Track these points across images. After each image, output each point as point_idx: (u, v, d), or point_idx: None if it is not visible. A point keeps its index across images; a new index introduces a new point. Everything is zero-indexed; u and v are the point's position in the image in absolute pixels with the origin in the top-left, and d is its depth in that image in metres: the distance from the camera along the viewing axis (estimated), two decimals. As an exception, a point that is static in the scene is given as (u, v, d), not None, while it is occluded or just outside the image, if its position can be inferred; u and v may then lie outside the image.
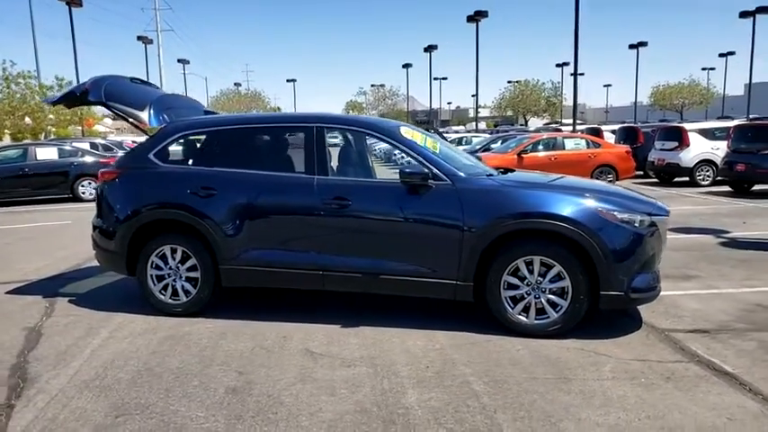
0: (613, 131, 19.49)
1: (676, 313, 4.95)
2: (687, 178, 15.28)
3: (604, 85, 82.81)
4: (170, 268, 5.07)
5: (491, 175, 4.85)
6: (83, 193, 14.73)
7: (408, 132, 4.93)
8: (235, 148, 5.12)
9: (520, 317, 4.44)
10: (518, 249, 4.39)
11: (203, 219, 4.87)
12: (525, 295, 4.43)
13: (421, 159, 4.64)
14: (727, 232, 8.66)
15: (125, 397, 3.56)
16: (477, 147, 17.87)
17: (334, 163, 5.01)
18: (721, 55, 55.60)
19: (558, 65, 55.50)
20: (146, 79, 6.09)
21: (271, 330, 4.68)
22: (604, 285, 4.27)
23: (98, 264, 5.71)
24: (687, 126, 15.92)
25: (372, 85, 72.71)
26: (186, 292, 5.05)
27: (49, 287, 6.21)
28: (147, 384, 3.74)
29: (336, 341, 4.43)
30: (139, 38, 44.06)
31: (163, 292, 5.10)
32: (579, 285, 4.30)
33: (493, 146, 17.04)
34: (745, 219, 9.92)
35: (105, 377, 3.86)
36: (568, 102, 64.83)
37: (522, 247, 4.38)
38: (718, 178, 14.69)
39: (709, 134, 15.38)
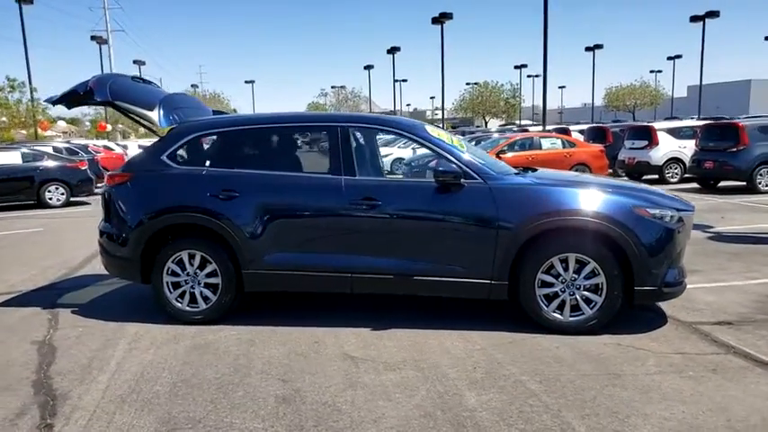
0: (581, 131, 19.94)
1: (693, 306, 5.05)
2: (657, 176, 15.76)
3: (559, 87, 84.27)
4: (187, 274, 4.87)
5: (518, 173, 4.85)
6: (50, 199, 14.09)
7: (434, 131, 4.88)
8: (255, 149, 4.96)
9: (555, 314, 4.45)
10: (553, 247, 4.39)
11: (225, 222, 4.70)
12: (560, 293, 4.43)
13: (451, 158, 4.59)
14: (711, 227, 8.94)
15: (171, 410, 3.38)
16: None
17: (359, 163, 4.90)
18: (669, 58, 57.61)
19: (516, 66, 56.56)
20: (147, 78, 5.83)
21: (299, 335, 4.55)
22: (639, 281, 4.32)
23: (107, 272, 5.43)
24: (656, 125, 16.43)
25: (333, 87, 72.41)
26: (205, 299, 4.86)
27: (44, 298, 5.88)
28: (190, 396, 3.56)
29: (372, 344, 4.34)
30: (93, 38, 42.57)
31: (179, 299, 4.90)
32: (614, 281, 4.34)
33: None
34: (723, 214, 10.28)
35: (141, 390, 3.66)
36: (527, 103, 66.24)
37: (558, 244, 4.39)
38: (686, 175, 15.20)
39: (676, 133, 15.91)
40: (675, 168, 15.66)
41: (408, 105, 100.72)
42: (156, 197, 4.88)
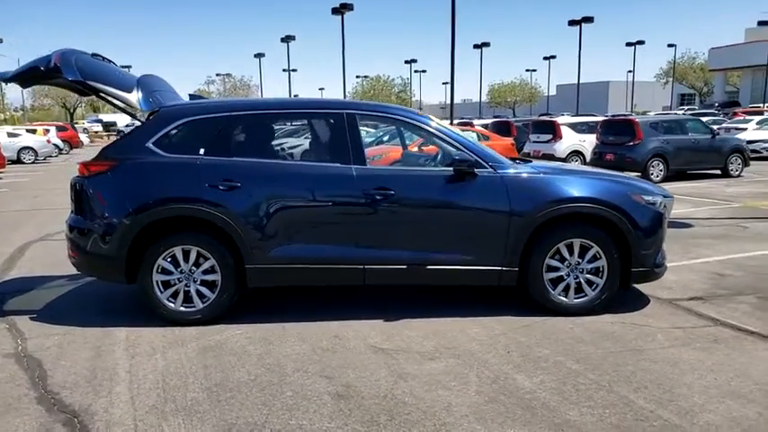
0: (485, 126, 20.85)
1: (663, 285, 5.44)
2: (559, 168, 16.89)
3: (443, 83, 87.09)
4: (181, 272, 4.51)
5: (521, 162, 5.00)
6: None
7: (439, 122, 4.89)
8: (256, 136, 4.69)
9: (560, 297, 4.65)
10: (560, 233, 4.58)
11: (227, 215, 4.41)
12: (565, 276, 4.65)
13: (462, 148, 4.64)
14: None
15: (224, 417, 3.14)
16: (368, 140, 18.01)
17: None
18: (545, 58, 61.80)
19: (406, 61, 57.80)
20: (105, 56, 5.24)
21: (314, 331, 4.39)
22: (636, 263, 4.64)
23: (79, 272, 4.92)
24: (559, 120, 17.57)
25: (218, 74, 69.65)
26: (202, 297, 4.54)
27: (-16, 306, 5.17)
28: (235, 401, 3.32)
29: (394, 335, 4.29)
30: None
31: (171, 299, 4.53)
32: (613, 264, 4.62)
33: (384, 139, 17.29)
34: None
35: (175, 399, 3.36)
36: (416, 98, 68.02)
37: (564, 231, 4.59)
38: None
39: (576, 128, 17.11)
40: (576, 160, 16.85)
41: (296, 96, 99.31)
42: (146, 188, 4.46)
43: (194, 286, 4.52)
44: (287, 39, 43.00)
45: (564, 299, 4.66)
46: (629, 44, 54.29)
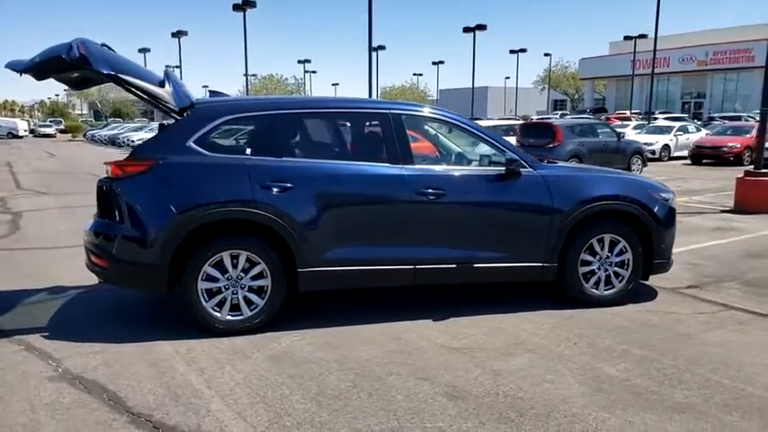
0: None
1: (660, 276, 5.72)
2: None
3: (332, 84, 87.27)
4: (228, 278, 4.24)
5: (551, 163, 5.23)
6: None
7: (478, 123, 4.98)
8: (304, 136, 4.51)
9: (593, 290, 4.94)
10: (594, 229, 4.86)
11: (280, 217, 4.21)
12: (596, 270, 4.93)
13: (505, 149, 4.77)
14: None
15: (355, 426, 3.03)
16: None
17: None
18: (434, 63, 64.00)
19: (299, 61, 57.27)
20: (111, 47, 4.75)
21: (374, 333, 4.32)
22: (657, 255, 5.03)
23: (106, 282, 4.49)
24: (481, 123, 18.33)
25: (91, 70, 64.45)
26: (249, 304, 4.30)
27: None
28: (351, 408, 3.22)
29: (457, 334, 4.32)
30: None
31: (216, 308, 4.25)
32: (638, 257, 4.98)
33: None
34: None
35: (288, 412, 3.19)
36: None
37: (598, 227, 4.87)
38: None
39: (497, 131, 17.95)
40: (496, 161, 17.71)
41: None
42: (193, 189, 4.15)
43: (242, 293, 4.27)
44: (178, 34, 40.87)
45: (596, 291, 4.94)
46: (512, 51, 57.67)
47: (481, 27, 38.90)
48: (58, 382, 3.54)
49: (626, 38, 46.45)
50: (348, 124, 4.81)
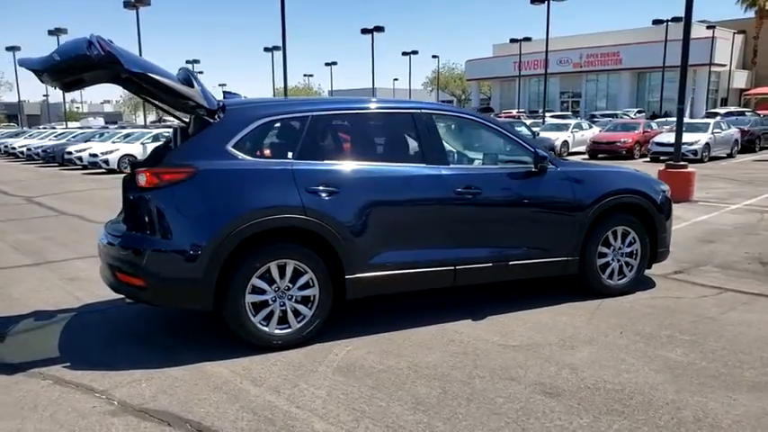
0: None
1: None
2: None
3: (219, 85, 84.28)
4: (276, 290, 3.96)
5: (564, 160, 5.38)
6: None
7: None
8: (344, 138, 4.30)
9: (608, 280, 5.16)
10: (609, 222, 5.07)
11: (329, 223, 4.00)
12: (611, 261, 5.16)
13: (533, 148, 4.85)
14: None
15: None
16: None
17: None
18: (326, 64, 63.91)
19: (188, 61, 54.66)
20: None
21: (425, 337, 4.23)
22: (660, 245, 5.36)
23: (142, 302, 4.02)
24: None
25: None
26: (297, 316, 4.04)
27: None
28: (462, 416, 3.12)
29: (505, 333, 4.33)
30: None
31: (263, 322, 3.95)
32: (644, 247, 5.27)
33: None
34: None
35: (405, 425, 3.03)
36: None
37: (613, 219, 5.09)
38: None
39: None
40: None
41: (46, 96, 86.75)
42: (240, 197, 3.83)
43: (290, 304, 4.01)
44: (56, 31, 37.44)
45: (611, 281, 5.17)
46: (404, 53, 58.92)
47: (379, 29, 39.42)
48: (123, 416, 3.12)
49: (512, 40, 49.07)
50: (383, 124, 4.66)
